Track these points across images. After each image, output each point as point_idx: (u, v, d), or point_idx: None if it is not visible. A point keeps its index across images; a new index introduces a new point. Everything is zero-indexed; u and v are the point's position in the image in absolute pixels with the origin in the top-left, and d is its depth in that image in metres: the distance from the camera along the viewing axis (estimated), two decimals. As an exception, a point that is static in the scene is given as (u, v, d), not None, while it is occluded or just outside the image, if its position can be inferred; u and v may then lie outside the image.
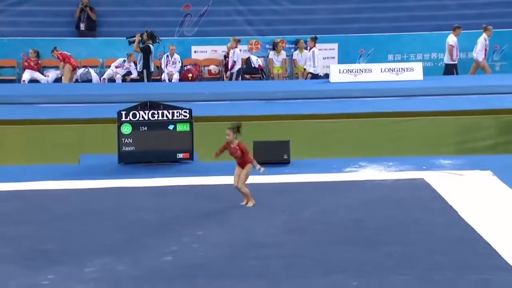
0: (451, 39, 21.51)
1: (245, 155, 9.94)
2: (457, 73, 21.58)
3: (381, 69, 20.13)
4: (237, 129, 9.97)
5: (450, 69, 21.63)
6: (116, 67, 21.74)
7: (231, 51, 21.22)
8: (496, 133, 15.14)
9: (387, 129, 14.96)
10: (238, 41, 21.35)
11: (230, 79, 21.11)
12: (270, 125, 14.80)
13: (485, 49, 21.54)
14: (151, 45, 20.32)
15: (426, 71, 20.77)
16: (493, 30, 22.39)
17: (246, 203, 10.01)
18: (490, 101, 16.42)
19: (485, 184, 11.06)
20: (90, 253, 8.38)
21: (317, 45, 22.56)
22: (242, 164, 10.02)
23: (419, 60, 22.18)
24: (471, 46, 22.34)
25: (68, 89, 19.67)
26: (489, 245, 8.45)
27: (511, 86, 18.26)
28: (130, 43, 20.48)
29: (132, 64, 21.49)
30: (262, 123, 14.92)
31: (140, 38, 20.47)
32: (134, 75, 21.49)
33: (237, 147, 9.98)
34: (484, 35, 21.58)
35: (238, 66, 21.31)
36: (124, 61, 21.76)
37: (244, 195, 10.03)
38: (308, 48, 21.54)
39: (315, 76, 21.38)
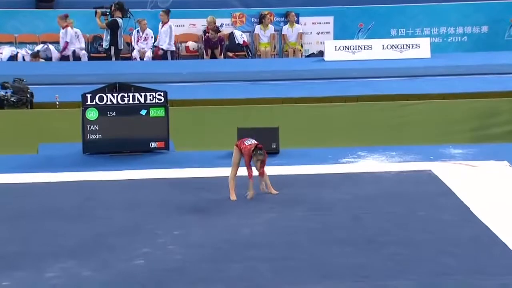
0: None
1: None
2: None
3: (383, 45, 20.16)
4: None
5: None
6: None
7: (62, 30, 21.17)
8: (512, 119, 15.21)
9: (390, 114, 15.00)
10: (67, 16, 21.25)
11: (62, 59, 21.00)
12: (257, 110, 14.82)
13: None
14: (120, 19, 20.24)
15: (434, 48, 20.83)
16: (510, 1, 22.47)
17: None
18: (507, 82, 16.49)
19: (501, 176, 11.12)
20: (51, 256, 8.38)
21: (310, 18, 22.55)
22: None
23: (426, 36, 22.21)
24: (483, 19, 22.46)
25: (25, 68, 19.59)
26: (506, 245, 8.51)
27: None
28: (100, 14, 20.40)
29: (78, 32, 21.26)
30: (248, 107, 14.94)
31: (108, 11, 20.38)
32: (78, 46, 21.36)
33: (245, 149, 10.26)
34: None
35: (73, 47, 21.27)
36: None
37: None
38: (162, 23, 21.40)
39: (172, 54, 21.26)
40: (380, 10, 22.94)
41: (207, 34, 22.02)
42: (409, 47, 20.08)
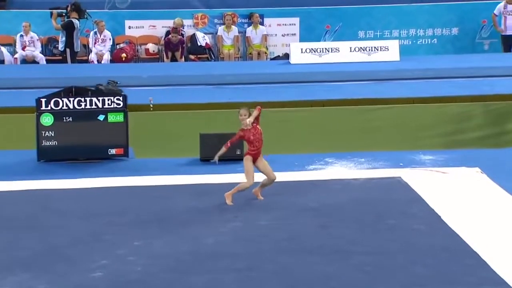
0: None
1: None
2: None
3: (351, 48, 20.25)
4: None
5: None
6: (23, 48, 21.48)
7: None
8: (485, 123, 15.34)
9: (358, 119, 15.06)
10: None
11: None
12: (220, 115, 14.81)
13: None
14: (76, 21, 20.16)
15: (403, 51, 20.95)
16: (481, 1, 22.70)
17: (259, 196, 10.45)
18: (478, 86, 16.63)
19: (472, 183, 11.20)
20: (4, 268, 8.30)
21: (275, 19, 22.62)
22: (258, 155, 10.26)
23: (395, 38, 22.35)
24: (454, 21, 22.67)
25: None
26: (477, 255, 8.58)
27: (502, 68, 18.52)
28: (56, 16, 20.32)
29: (34, 37, 21.17)
30: (211, 112, 14.93)
31: (64, 12, 20.30)
32: (37, 51, 21.30)
33: (258, 128, 10.28)
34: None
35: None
36: (22, 36, 21.43)
37: (264, 186, 10.40)
38: None
39: None
40: (347, 11, 23.04)
41: (169, 35, 21.96)
42: (377, 50, 20.19)
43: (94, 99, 12.64)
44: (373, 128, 14.96)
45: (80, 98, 12.62)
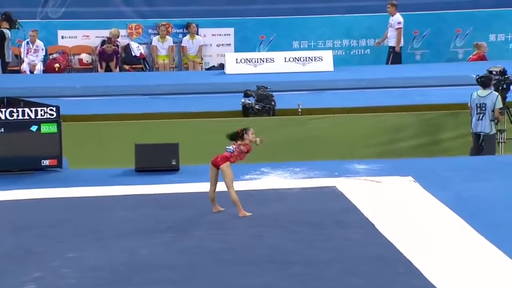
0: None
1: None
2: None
3: (285, 58, 20.36)
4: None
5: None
6: None
7: None
8: (418, 133, 15.53)
9: (293, 129, 15.13)
10: None
11: None
12: (155, 125, 14.76)
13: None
14: (7, 31, 19.95)
15: (337, 61, 21.13)
16: (413, 12, 23.00)
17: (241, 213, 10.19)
18: (410, 96, 16.83)
19: (405, 192, 11.32)
20: None
21: (209, 29, 22.64)
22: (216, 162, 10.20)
23: (329, 48, 22.53)
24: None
25: None
26: (410, 263, 8.66)
27: (434, 78, 18.79)
28: None
29: None
30: (146, 122, 14.87)
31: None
32: None
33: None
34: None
35: None
36: None
37: (235, 202, 10.15)
38: None
39: None
40: (281, 21, 23.17)
41: (105, 44, 21.82)
42: (311, 60, 20.33)
43: (27, 110, 12.48)
44: (308, 137, 15.04)
45: (12, 109, 12.45)
